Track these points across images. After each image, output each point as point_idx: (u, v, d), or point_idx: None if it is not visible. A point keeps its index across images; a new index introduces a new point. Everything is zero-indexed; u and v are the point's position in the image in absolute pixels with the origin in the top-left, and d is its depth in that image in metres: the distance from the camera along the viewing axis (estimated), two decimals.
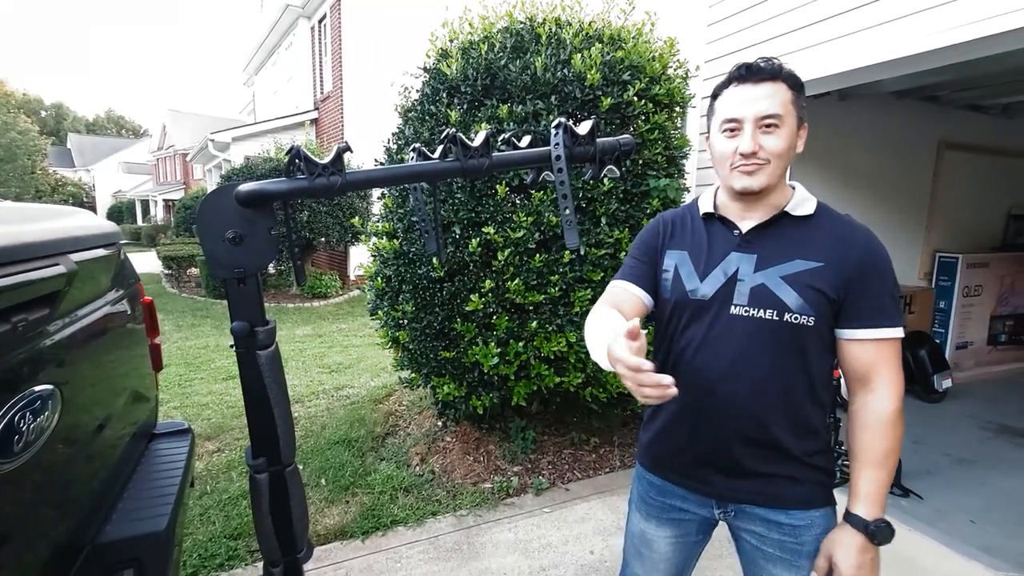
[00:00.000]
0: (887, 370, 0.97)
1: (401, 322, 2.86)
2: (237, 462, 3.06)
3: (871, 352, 0.97)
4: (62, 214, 1.35)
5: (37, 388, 0.94)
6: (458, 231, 2.56)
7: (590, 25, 2.83)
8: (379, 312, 3.02)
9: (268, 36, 13.36)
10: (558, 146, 1.10)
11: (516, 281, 2.49)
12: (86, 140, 40.02)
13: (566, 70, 2.57)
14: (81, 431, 1.15)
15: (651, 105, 2.68)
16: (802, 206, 1.02)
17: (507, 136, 1.23)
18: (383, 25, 9.90)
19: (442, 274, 2.61)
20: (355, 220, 4.46)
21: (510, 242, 2.49)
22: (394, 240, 2.77)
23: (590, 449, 3.11)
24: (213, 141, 11.32)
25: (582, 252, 2.55)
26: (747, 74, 0.96)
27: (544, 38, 2.66)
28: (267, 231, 1.06)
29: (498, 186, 2.52)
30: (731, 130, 0.98)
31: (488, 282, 2.50)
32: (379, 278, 2.91)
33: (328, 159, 1.00)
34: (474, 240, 2.49)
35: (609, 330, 0.90)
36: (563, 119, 1.12)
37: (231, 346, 1.08)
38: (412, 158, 1.20)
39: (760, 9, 2.83)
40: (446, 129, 1.08)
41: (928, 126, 4.19)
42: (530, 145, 1.21)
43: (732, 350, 0.99)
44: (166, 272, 11.18)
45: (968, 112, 4.26)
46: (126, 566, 1.15)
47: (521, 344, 2.56)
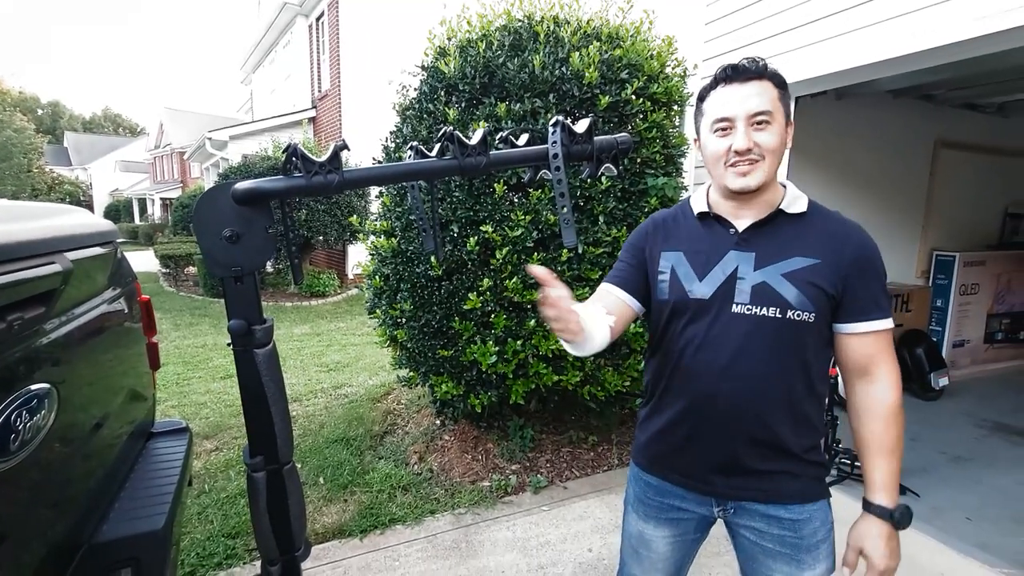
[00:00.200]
0: (886, 360, 1.01)
1: (399, 321, 2.86)
2: (235, 461, 3.06)
3: (871, 344, 1.00)
4: (58, 212, 1.35)
5: (33, 387, 0.94)
6: (456, 229, 2.56)
7: (588, 23, 2.83)
8: (377, 311, 3.02)
9: (266, 34, 13.33)
10: (556, 144, 1.10)
11: (514, 279, 2.49)
12: (83, 138, 39.84)
13: (564, 68, 2.57)
14: (78, 430, 1.15)
15: (649, 104, 2.68)
16: (796, 203, 1.03)
17: (505, 134, 1.23)
18: (381, 23, 9.88)
19: (440, 272, 2.60)
20: (353, 219, 4.45)
21: (508, 240, 2.49)
22: (392, 239, 2.77)
23: (588, 447, 3.11)
24: (210, 139, 11.28)
25: (580, 251, 2.55)
26: (734, 74, 0.98)
27: (542, 36, 2.66)
28: (264, 229, 1.06)
29: (496, 185, 2.52)
30: (723, 129, 0.99)
31: (486, 280, 2.50)
32: (377, 277, 2.91)
33: (325, 157, 1.00)
34: (472, 239, 2.49)
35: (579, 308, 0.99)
36: (561, 117, 1.12)
37: (228, 344, 1.08)
38: (410, 156, 1.20)
39: (757, 8, 2.83)
40: (444, 127, 1.08)
41: (924, 125, 4.20)
42: (528, 143, 1.21)
43: (734, 349, 1.00)
44: (164, 271, 11.15)
45: (964, 111, 4.27)
46: (123, 565, 1.15)
47: (519, 342, 2.56)
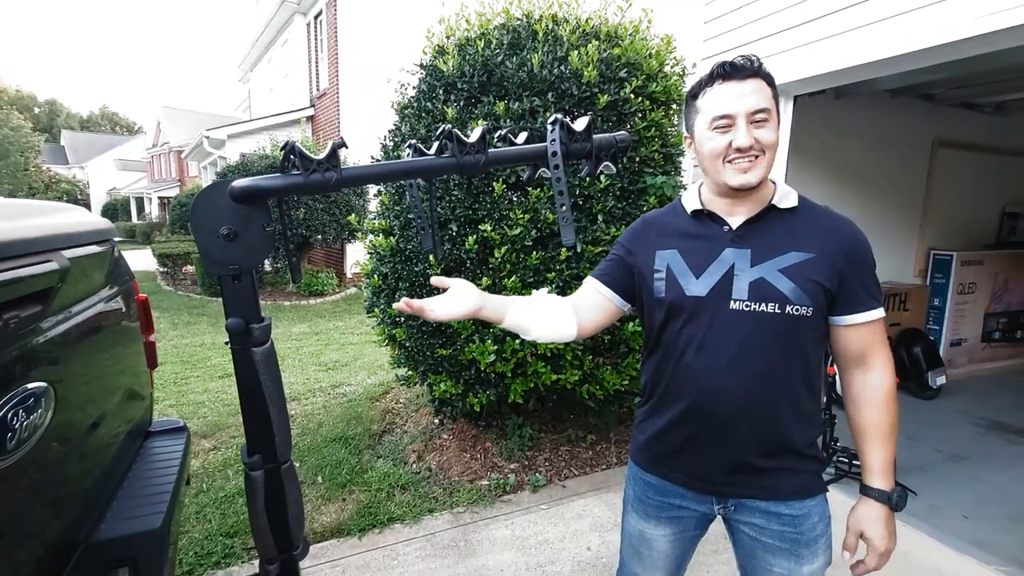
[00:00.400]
0: (880, 348, 1.03)
1: (398, 319, 2.86)
2: (233, 460, 3.05)
3: (867, 334, 1.02)
4: (55, 210, 1.34)
5: (30, 385, 0.94)
6: (455, 228, 2.56)
7: (587, 22, 2.82)
8: (375, 309, 3.02)
9: (264, 32, 13.29)
10: (554, 143, 1.10)
11: (513, 278, 2.49)
12: (80, 137, 39.70)
13: (563, 67, 2.56)
14: (75, 429, 1.14)
15: (648, 102, 2.68)
16: (787, 199, 1.04)
17: (503, 133, 1.23)
18: (379, 21, 9.85)
19: (439, 271, 2.60)
20: (352, 217, 4.44)
21: (507, 239, 2.49)
22: (391, 237, 2.77)
23: (587, 446, 3.11)
24: (208, 138, 11.25)
25: (579, 249, 2.55)
26: (732, 72, 0.98)
27: (541, 35, 2.66)
28: (262, 228, 1.06)
29: (495, 183, 2.52)
30: (723, 127, 0.99)
31: (485, 279, 2.50)
32: (375, 275, 2.91)
33: (323, 155, 1.00)
34: (471, 237, 2.48)
35: (532, 303, 1.10)
36: (559, 116, 1.12)
37: (226, 343, 1.08)
38: (408, 155, 1.19)
39: (756, 7, 2.83)
40: (442, 126, 1.08)
41: (923, 124, 4.20)
42: (526, 142, 1.21)
43: (735, 346, 1.00)
44: (161, 270, 11.13)
45: (962, 110, 4.27)
46: (121, 564, 1.15)
47: (518, 341, 2.56)
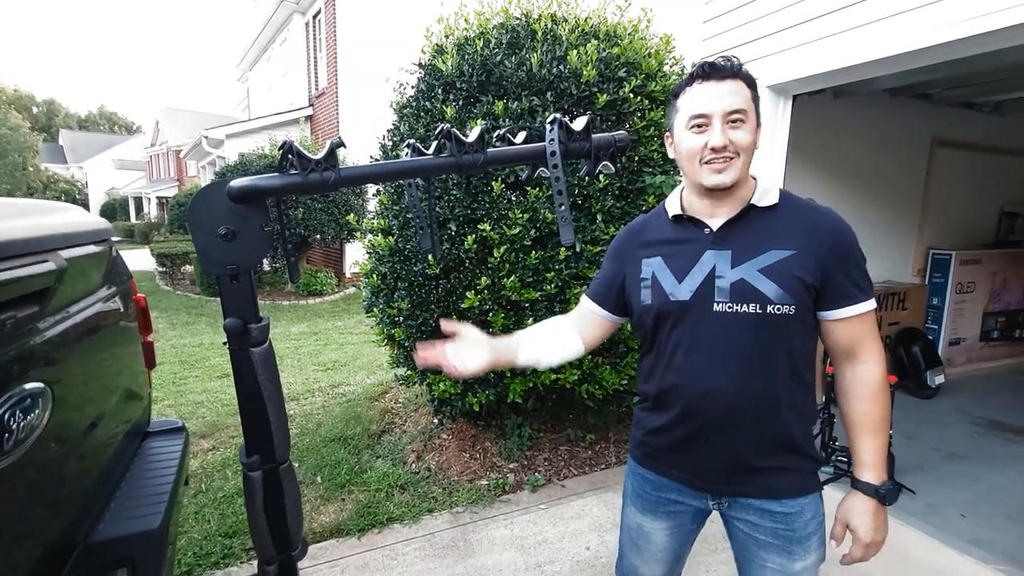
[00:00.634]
0: (870, 341, 1.02)
1: (397, 319, 2.86)
2: (232, 460, 3.05)
3: (856, 327, 1.01)
4: (52, 210, 1.34)
5: (27, 386, 0.93)
6: (454, 228, 2.55)
7: (586, 21, 2.82)
8: (375, 309, 3.01)
9: (262, 31, 13.27)
10: (553, 142, 1.10)
11: (512, 278, 2.48)
12: (78, 136, 39.63)
13: (562, 66, 2.56)
14: (73, 429, 1.14)
15: (647, 102, 2.67)
16: (766, 196, 1.04)
17: (502, 132, 1.23)
18: (378, 20, 9.84)
19: (438, 271, 2.60)
20: (350, 217, 4.44)
21: (506, 239, 2.49)
22: (389, 237, 2.76)
23: (586, 446, 3.11)
24: (207, 138, 11.24)
25: (578, 249, 2.54)
26: (711, 72, 0.99)
27: (540, 34, 2.65)
28: (260, 227, 1.05)
29: (494, 183, 2.51)
30: (699, 126, 1.00)
31: (484, 279, 2.50)
32: (374, 275, 2.90)
33: (321, 155, 1.00)
34: (470, 237, 2.48)
35: (538, 334, 1.20)
36: (558, 115, 1.12)
37: (224, 343, 1.07)
38: (406, 154, 1.19)
39: (754, 6, 2.83)
40: (441, 125, 1.08)
41: (921, 123, 4.21)
42: (525, 141, 1.21)
43: (721, 348, 1.01)
44: (160, 269, 11.11)
45: (961, 110, 4.27)
46: (119, 565, 1.14)
47: None
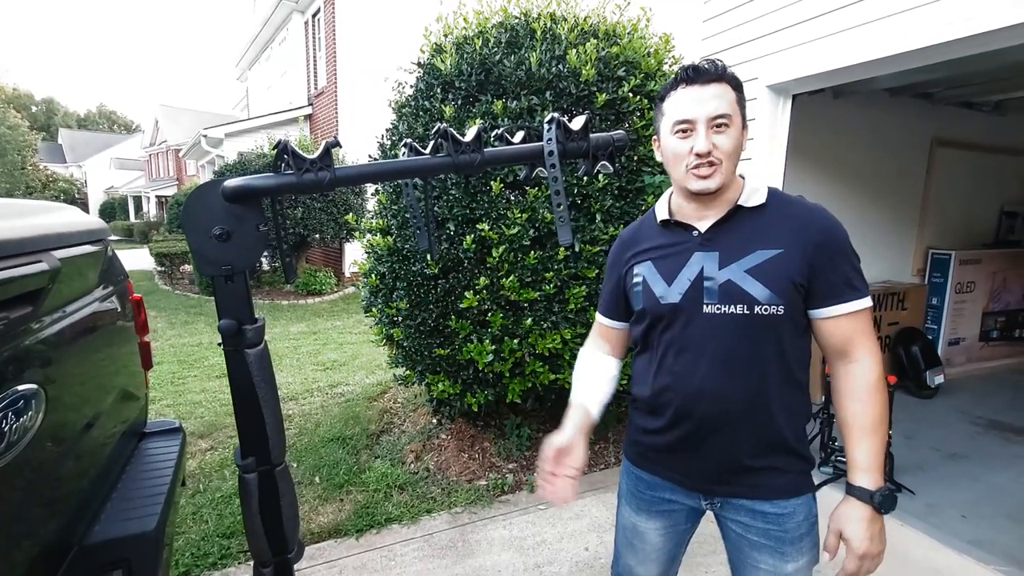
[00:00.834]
0: (864, 340, 0.99)
1: (395, 319, 2.85)
2: (230, 460, 3.04)
3: (847, 326, 0.99)
4: (47, 210, 1.33)
5: (20, 387, 0.93)
6: (452, 228, 2.55)
7: (585, 20, 2.81)
8: (373, 309, 3.01)
9: (261, 31, 13.25)
10: (551, 141, 1.10)
11: (511, 278, 2.48)
12: (77, 135, 39.58)
13: (561, 66, 2.55)
14: (68, 430, 1.13)
15: (646, 101, 2.67)
16: (753, 196, 1.04)
17: (500, 132, 1.22)
18: (377, 20, 9.83)
19: (436, 271, 2.59)
20: (349, 216, 4.43)
21: (505, 239, 2.48)
22: (388, 237, 2.76)
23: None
24: (206, 137, 11.23)
25: (577, 249, 2.54)
26: (694, 75, 0.98)
27: (539, 33, 2.65)
28: (255, 227, 1.05)
29: (493, 183, 2.50)
30: (684, 131, 1.00)
31: (483, 279, 2.49)
32: (373, 275, 2.90)
33: (316, 154, 0.99)
34: (468, 237, 2.47)
35: (591, 386, 1.18)
36: (556, 115, 1.11)
37: (220, 344, 1.07)
38: (404, 154, 1.18)
39: (753, 6, 2.82)
40: (438, 125, 1.07)
41: (921, 123, 4.20)
42: (523, 141, 1.20)
43: (711, 349, 1.01)
44: (159, 269, 11.10)
45: (961, 109, 4.27)
46: (115, 567, 1.14)
47: (516, 341, 2.55)
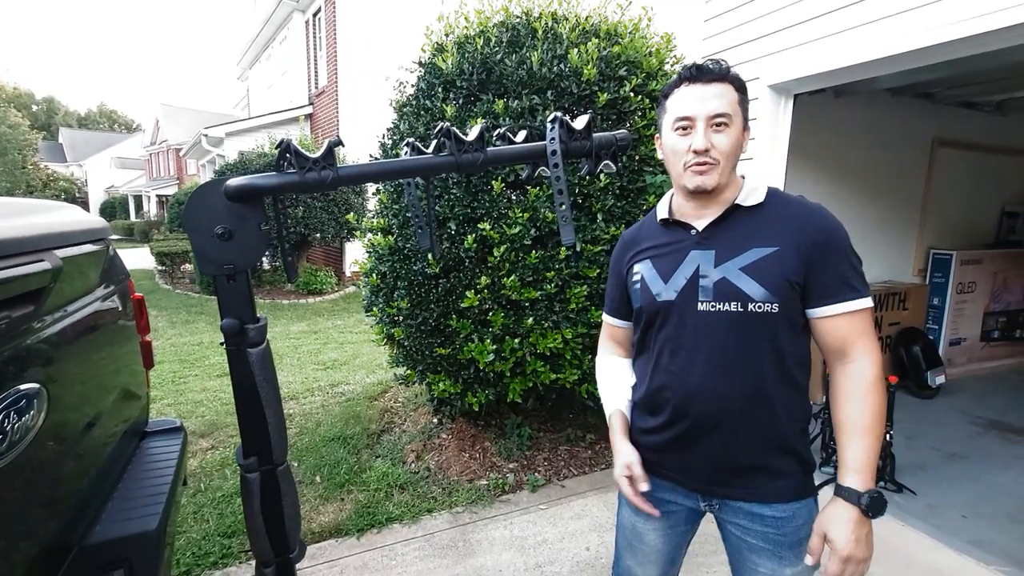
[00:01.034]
0: (862, 340, 0.98)
1: (396, 319, 2.85)
2: (231, 459, 3.04)
3: (844, 326, 0.98)
4: (48, 209, 1.33)
5: (22, 387, 0.92)
6: (454, 227, 2.54)
7: (587, 20, 2.81)
8: (374, 308, 3.00)
9: (262, 30, 13.24)
10: (554, 141, 1.10)
11: (512, 277, 2.47)
12: (78, 135, 39.56)
13: (562, 65, 2.55)
14: (69, 430, 1.13)
15: (648, 101, 2.66)
16: (752, 195, 1.04)
17: (502, 131, 1.22)
18: (378, 19, 9.82)
19: (437, 270, 2.59)
20: (350, 216, 4.43)
21: (506, 238, 2.48)
22: (389, 236, 2.75)
23: (586, 445, 3.11)
24: (207, 136, 11.23)
25: (578, 248, 2.54)
26: (698, 74, 0.99)
27: (540, 33, 2.64)
28: (258, 227, 1.04)
29: (494, 182, 2.50)
30: (684, 128, 1.00)
31: (484, 278, 2.49)
32: (374, 274, 2.89)
33: (319, 154, 0.99)
34: (470, 236, 2.47)
35: (617, 390, 1.21)
36: (559, 114, 1.11)
37: (222, 344, 1.06)
38: (406, 153, 1.18)
39: (755, 5, 2.81)
40: (440, 124, 1.07)
41: (922, 123, 4.19)
42: (526, 140, 1.20)
43: (706, 347, 1.02)
44: (160, 268, 11.11)
45: (961, 109, 4.26)
46: (116, 567, 1.13)
47: (517, 341, 2.55)
